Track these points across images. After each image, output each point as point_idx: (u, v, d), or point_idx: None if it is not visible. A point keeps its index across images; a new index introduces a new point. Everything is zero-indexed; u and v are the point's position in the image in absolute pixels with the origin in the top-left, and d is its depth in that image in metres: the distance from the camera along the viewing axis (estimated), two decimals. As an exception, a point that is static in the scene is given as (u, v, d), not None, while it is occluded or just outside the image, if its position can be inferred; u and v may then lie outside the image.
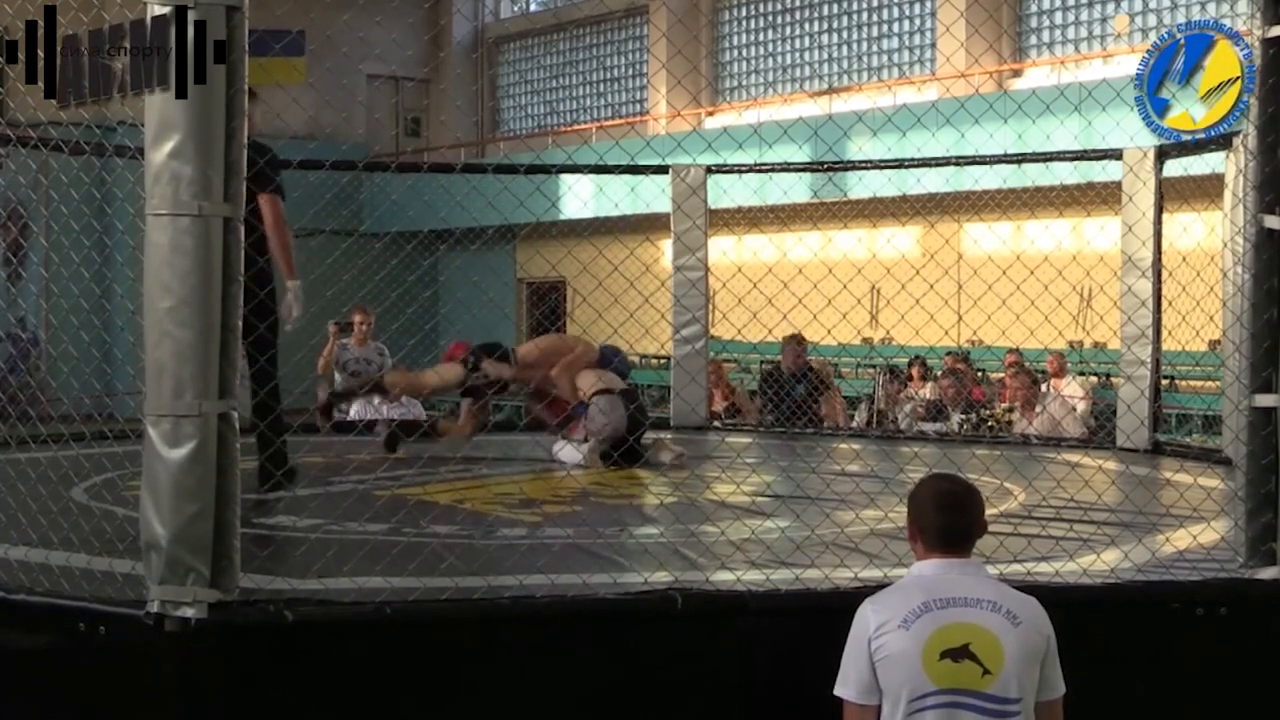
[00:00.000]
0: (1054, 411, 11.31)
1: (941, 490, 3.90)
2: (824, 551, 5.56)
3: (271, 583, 4.74)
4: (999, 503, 7.19)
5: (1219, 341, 9.37)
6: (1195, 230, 9.46)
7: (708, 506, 7.18)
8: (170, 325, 4.16)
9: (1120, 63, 17.90)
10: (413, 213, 20.23)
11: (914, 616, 3.65)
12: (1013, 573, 5.03)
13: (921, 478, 4.02)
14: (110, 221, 8.72)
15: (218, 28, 4.17)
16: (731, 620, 4.66)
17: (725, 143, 10.63)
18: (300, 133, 24.06)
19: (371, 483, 7.55)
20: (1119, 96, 9.78)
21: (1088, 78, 16.59)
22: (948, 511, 3.82)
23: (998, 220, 16.58)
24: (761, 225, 16.94)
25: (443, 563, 5.17)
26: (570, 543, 5.89)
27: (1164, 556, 5.66)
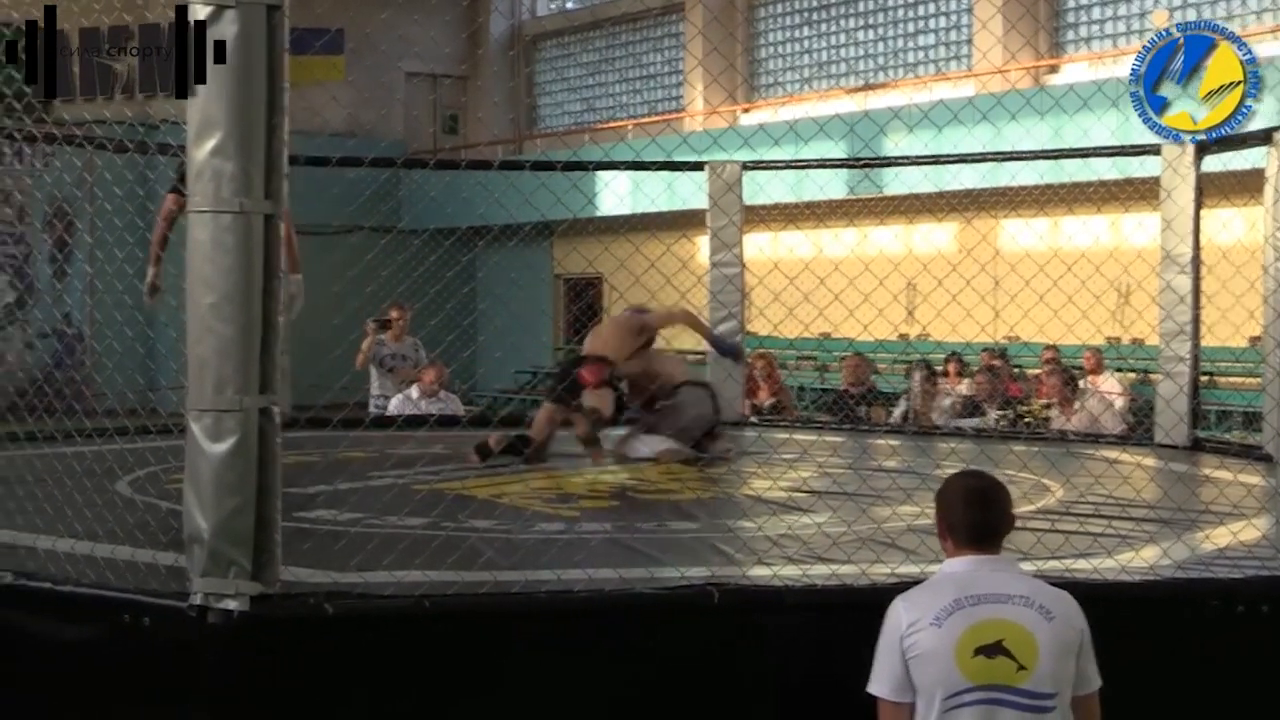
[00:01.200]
0: (1092, 408, 11.26)
1: (969, 487, 3.90)
2: (861, 547, 5.56)
3: (312, 576, 4.76)
4: (1036, 499, 7.16)
5: (1259, 337, 9.31)
6: (1235, 226, 9.41)
7: (744, 502, 7.17)
8: (212, 321, 4.19)
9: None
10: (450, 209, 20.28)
11: (946, 614, 3.65)
12: (1050, 569, 5.01)
13: (949, 476, 4.01)
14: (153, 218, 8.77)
15: (259, 27, 4.19)
16: (768, 615, 4.66)
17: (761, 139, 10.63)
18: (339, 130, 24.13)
19: (411, 477, 7.57)
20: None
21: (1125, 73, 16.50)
22: (976, 508, 3.82)
23: (1035, 216, 16.51)
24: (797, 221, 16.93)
25: (481, 557, 5.19)
26: (607, 538, 5.89)
27: (1204, 553, 5.63)
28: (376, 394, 12.22)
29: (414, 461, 7.94)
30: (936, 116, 12.84)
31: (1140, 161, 10.61)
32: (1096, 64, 19.41)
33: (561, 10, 28.56)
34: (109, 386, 9.50)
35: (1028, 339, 14.85)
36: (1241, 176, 9.70)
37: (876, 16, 22.80)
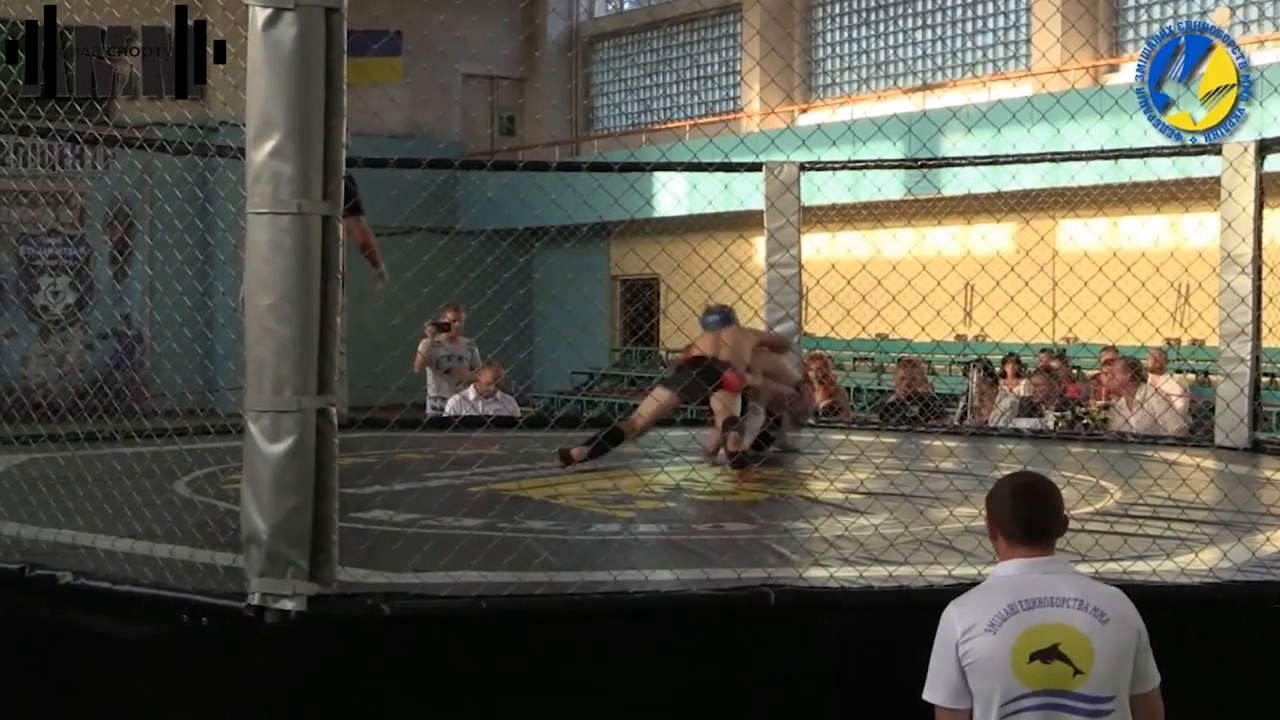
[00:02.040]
0: (1152, 408, 11.17)
1: (1017, 483, 3.88)
2: (918, 548, 5.53)
3: (369, 576, 4.78)
4: (1094, 500, 7.11)
5: (1321, 339, 9.23)
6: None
7: (801, 503, 7.16)
8: (270, 322, 4.21)
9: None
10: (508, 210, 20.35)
11: (1000, 619, 3.62)
12: (1108, 571, 4.98)
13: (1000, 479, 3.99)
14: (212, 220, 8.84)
15: (317, 29, 4.21)
16: (825, 617, 4.65)
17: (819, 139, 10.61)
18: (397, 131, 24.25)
19: (467, 478, 7.59)
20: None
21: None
22: (1024, 502, 3.79)
23: (1094, 216, 16.40)
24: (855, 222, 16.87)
25: (537, 558, 5.20)
26: (664, 538, 5.89)
27: (1264, 556, 5.57)
28: (433, 395, 12.26)
29: (470, 462, 7.96)
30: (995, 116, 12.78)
31: (1201, 161, 10.53)
32: (1157, 63, 19.24)
33: (619, 11, 28.59)
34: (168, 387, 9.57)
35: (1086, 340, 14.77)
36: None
37: (934, 16, 22.71)
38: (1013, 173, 12.52)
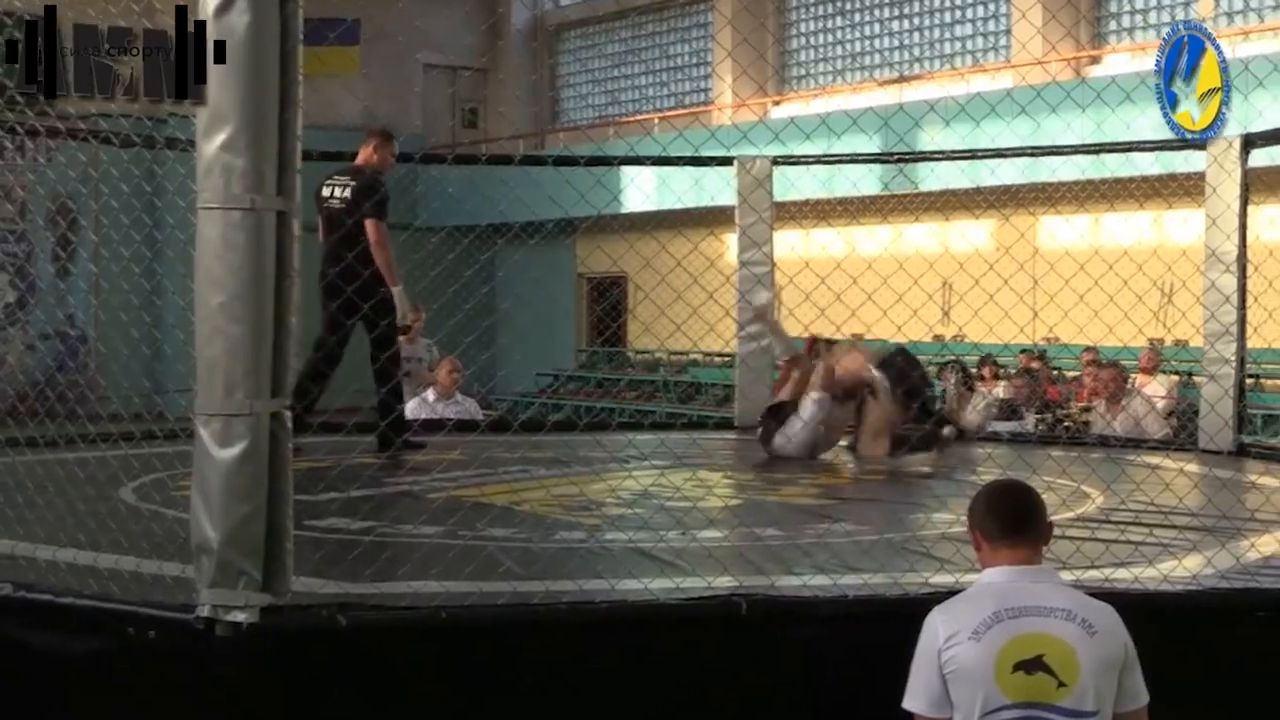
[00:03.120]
0: (1135, 410, 11.22)
1: (1000, 488, 3.93)
2: (894, 556, 5.54)
3: (324, 586, 4.77)
4: (1076, 506, 7.14)
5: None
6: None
7: (773, 509, 7.16)
8: (222, 321, 4.19)
9: (1204, 48, 17.71)
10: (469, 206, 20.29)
11: (985, 627, 3.63)
12: (1090, 579, 5.00)
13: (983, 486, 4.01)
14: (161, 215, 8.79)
15: (271, 17, 4.19)
16: (798, 627, 4.65)
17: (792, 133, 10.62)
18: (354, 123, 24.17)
19: (427, 484, 7.58)
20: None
21: (1170, 64, 16.43)
22: (1004, 500, 3.83)
23: (1075, 213, 16.47)
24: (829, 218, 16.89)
25: (500, 566, 5.19)
26: (631, 546, 5.89)
27: (1249, 562, 5.60)
28: (392, 398, 12.21)
29: (430, 468, 7.94)
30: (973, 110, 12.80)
31: (1185, 156, 10.59)
32: (1139, 55, 19.34)
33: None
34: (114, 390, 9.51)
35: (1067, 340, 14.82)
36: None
37: (911, 6, 22.77)
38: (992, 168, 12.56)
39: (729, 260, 11.09)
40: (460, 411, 11.24)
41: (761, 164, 10.69)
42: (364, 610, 4.42)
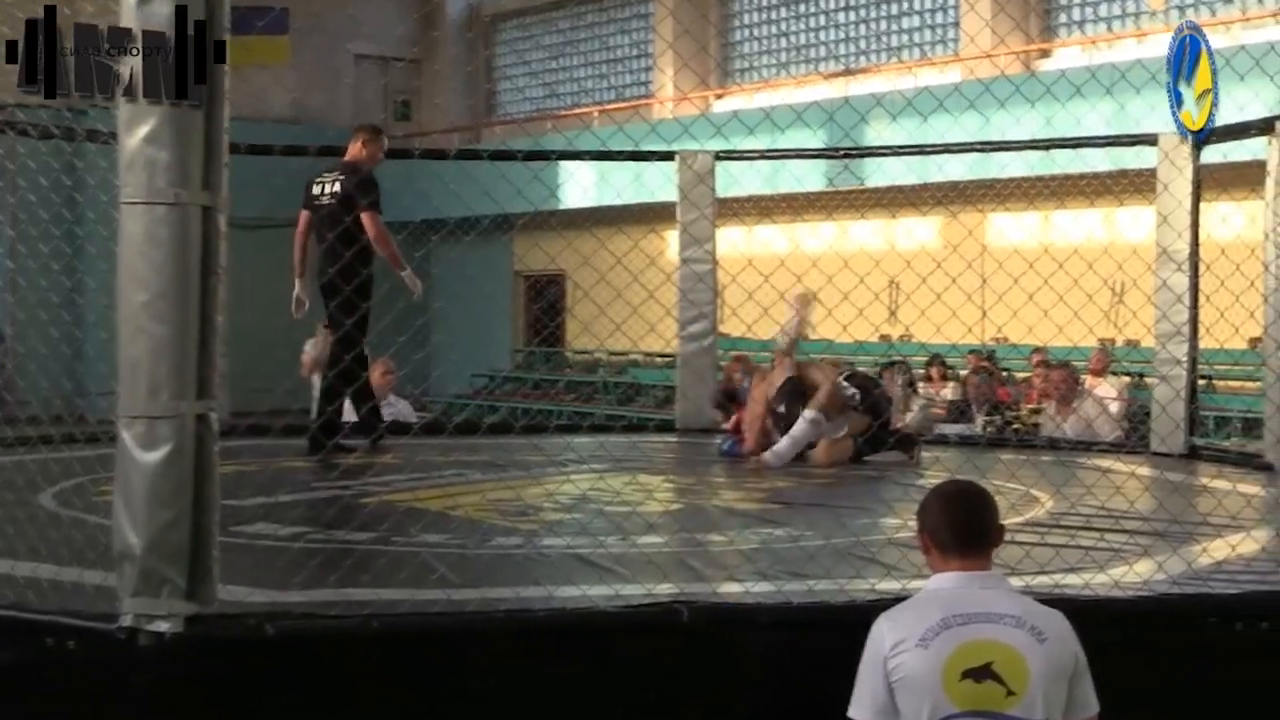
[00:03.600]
0: (1086, 412, 11.30)
1: (949, 491, 3.92)
2: (839, 561, 5.56)
3: (251, 595, 4.73)
4: (1025, 510, 7.18)
5: (1260, 339, 9.36)
6: (1235, 221, 9.46)
7: (715, 514, 7.17)
8: (145, 320, 4.16)
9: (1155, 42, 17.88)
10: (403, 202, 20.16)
11: (932, 634, 3.64)
12: (1039, 585, 5.03)
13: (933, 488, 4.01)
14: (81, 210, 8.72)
15: (195, 4, 4.16)
16: (740, 634, 4.66)
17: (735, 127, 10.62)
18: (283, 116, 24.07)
19: (358, 488, 7.55)
20: (1154, 79, 9.76)
21: (1121, 58, 16.58)
22: (956, 508, 3.82)
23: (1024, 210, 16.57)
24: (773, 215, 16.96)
25: (433, 574, 5.17)
26: (569, 552, 5.89)
27: (1200, 568, 5.65)
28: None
29: (361, 472, 7.91)
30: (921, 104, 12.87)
31: (1135, 152, 10.65)
32: (1090, 49, 19.49)
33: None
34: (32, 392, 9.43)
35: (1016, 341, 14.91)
36: (1241, 169, 9.75)
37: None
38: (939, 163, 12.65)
39: (670, 258, 11.10)
40: (393, 414, 11.19)
41: (703, 159, 10.70)
42: (293, 619, 4.40)
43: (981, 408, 12.39)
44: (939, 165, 12.91)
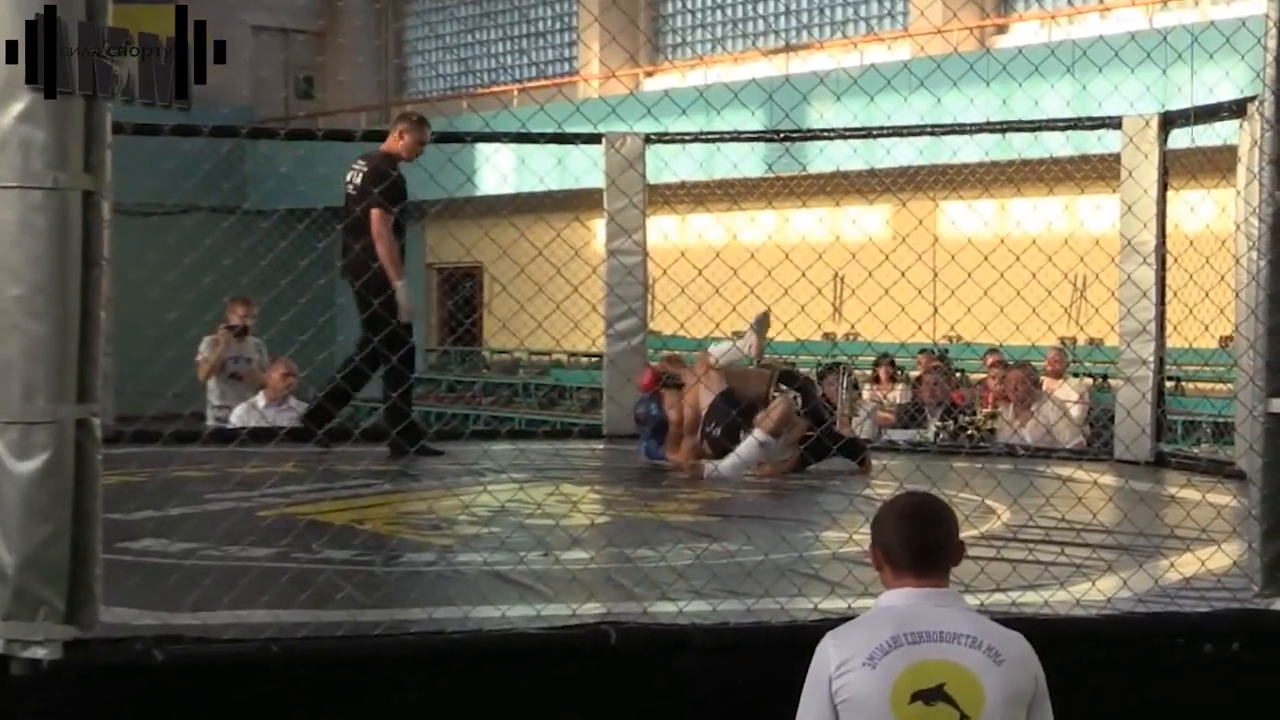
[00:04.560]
0: (1045, 417, 11.37)
1: (907, 503, 3.93)
2: (779, 579, 5.56)
3: (138, 617, 4.70)
4: (980, 523, 7.22)
5: (1231, 338, 9.44)
6: (1204, 210, 9.52)
7: (645, 527, 7.17)
8: (20, 317, 4.11)
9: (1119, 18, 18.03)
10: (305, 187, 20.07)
11: (881, 653, 3.65)
12: (995, 603, 5.05)
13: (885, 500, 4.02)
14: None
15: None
16: (673, 658, 4.66)
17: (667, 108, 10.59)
18: (174, 93, 23.87)
19: (256, 500, 7.50)
20: (1117, 57, 9.84)
21: (1083, 34, 16.69)
22: (914, 523, 3.83)
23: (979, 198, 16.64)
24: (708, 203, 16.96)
25: (338, 593, 5.15)
26: (486, 569, 5.87)
27: (1168, 584, 5.69)
28: (217, 404, 12.08)
29: (260, 482, 7.86)
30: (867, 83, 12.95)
31: (1098, 136, 10.74)
32: (1049, 24, 19.62)
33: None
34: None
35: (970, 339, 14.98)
36: (1211, 154, 9.83)
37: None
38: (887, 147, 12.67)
39: (596, 249, 11.10)
40: (294, 419, 11.13)
41: (632, 142, 10.70)
42: (184, 644, 4.36)
43: (934, 412, 12.46)
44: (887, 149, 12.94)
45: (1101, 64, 9.94)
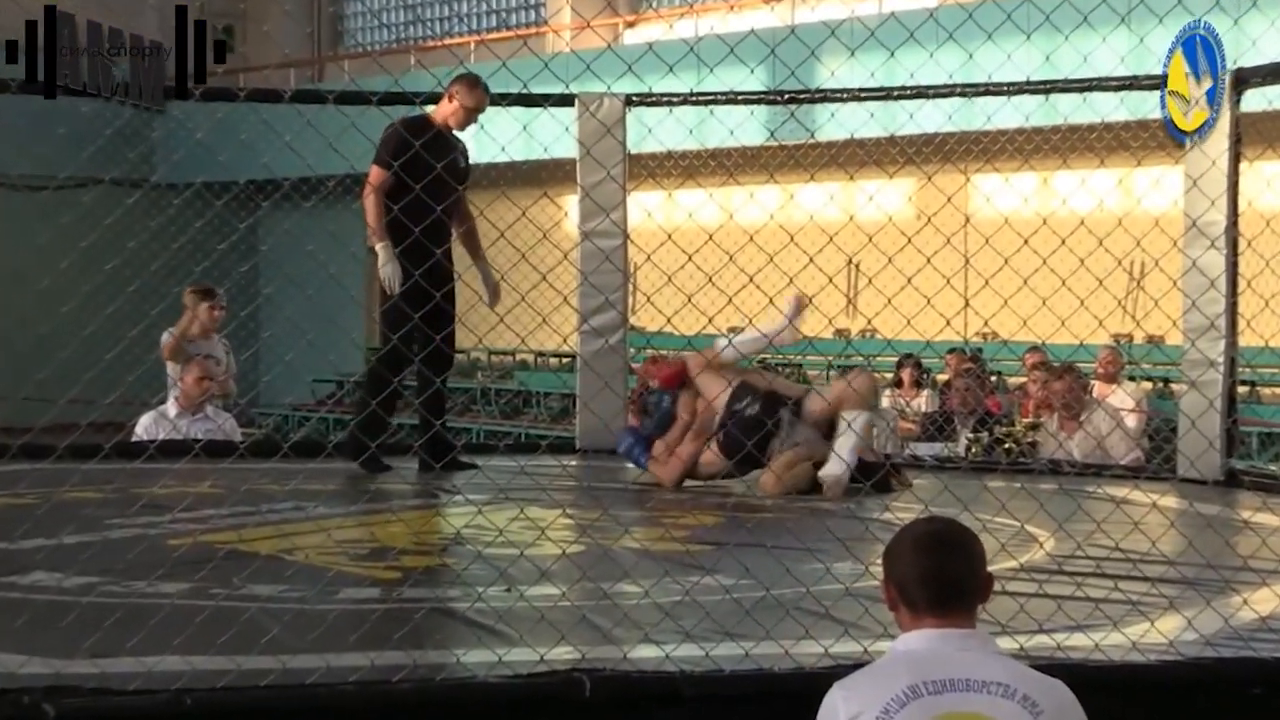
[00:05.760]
0: (1095, 429, 11.39)
1: (925, 532, 3.93)
2: (783, 618, 5.58)
3: (26, 665, 4.70)
4: (1019, 553, 7.23)
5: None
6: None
7: (626, 557, 7.18)
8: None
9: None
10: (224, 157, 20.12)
11: (898, 705, 3.65)
12: (1037, 646, 5.07)
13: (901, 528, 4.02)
14: None
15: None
16: (658, 711, 4.67)
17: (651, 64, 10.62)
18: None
19: (166, 526, 7.50)
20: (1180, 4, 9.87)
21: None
22: (932, 555, 3.84)
23: (1018, 171, 16.70)
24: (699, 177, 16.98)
25: (265, 635, 5.15)
26: (439, 607, 5.88)
27: (1242, 624, 5.71)
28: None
29: (172, 504, 7.86)
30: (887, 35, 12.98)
31: (1159, 98, 10.75)
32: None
33: (377, -115, 28.49)
34: None
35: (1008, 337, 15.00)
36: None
37: (806, -103, 22.95)
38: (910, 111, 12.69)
39: (568, 230, 11.11)
40: (212, 430, 11.14)
41: (611, 104, 10.71)
42: (81, 697, 4.36)
43: (965, 422, 12.47)
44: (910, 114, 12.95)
45: (1162, 13, 9.95)
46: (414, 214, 8.56)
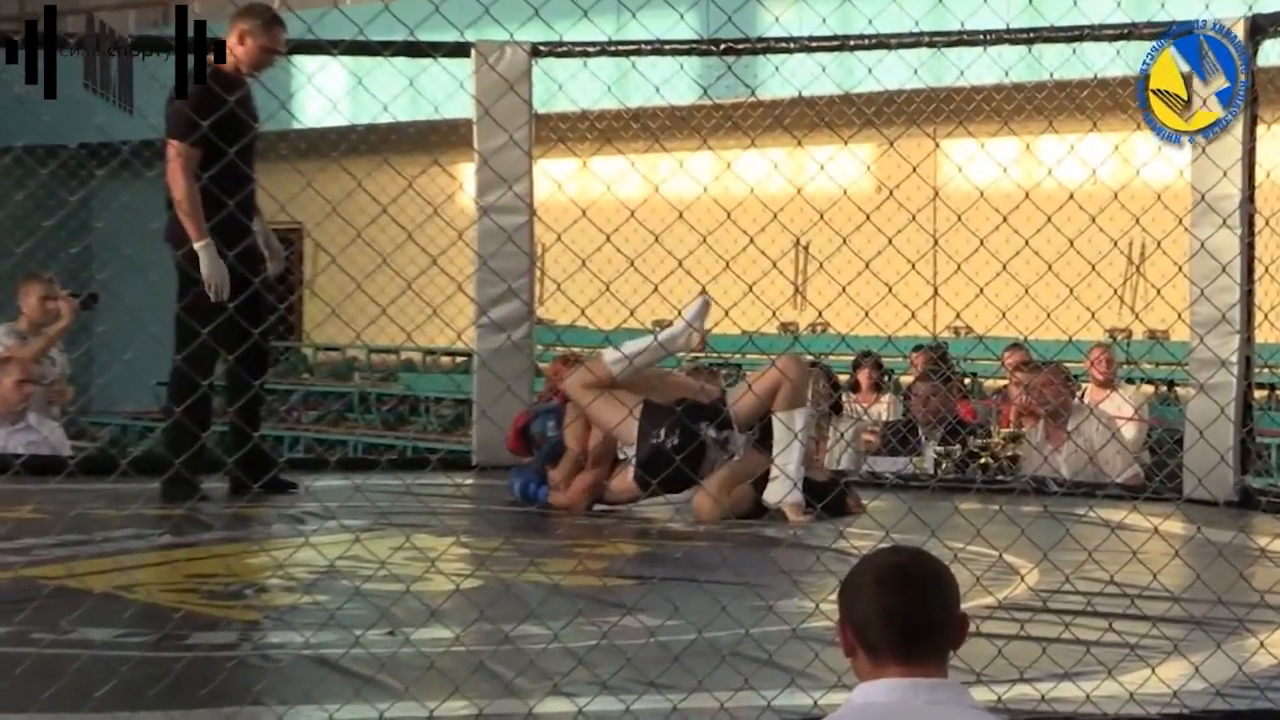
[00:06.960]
0: (1088, 440, 11.44)
1: (888, 564, 3.93)
2: (719, 665, 5.59)
3: None
4: (997, 588, 7.27)
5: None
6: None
7: (532, 594, 7.19)
8: None
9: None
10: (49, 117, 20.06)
11: (855, 768, 3.69)
12: (1018, 698, 5.10)
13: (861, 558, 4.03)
14: None
15: None
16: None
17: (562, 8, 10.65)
18: None
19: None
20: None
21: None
22: (898, 591, 3.85)
23: (996, 135, 16.77)
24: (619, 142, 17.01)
25: (99, 689, 5.14)
26: (308, 654, 5.88)
27: (1256, 671, 5.75)
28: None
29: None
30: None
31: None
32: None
33: None
34: None
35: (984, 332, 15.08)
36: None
37: None
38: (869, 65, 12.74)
39: (463, 205, 11.11)
40: (35, 443, 11.09)
41: (513, 55, 10.72)
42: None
43: (933, 433, 12.52)
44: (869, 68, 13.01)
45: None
46: (224, 188, 8.76)
